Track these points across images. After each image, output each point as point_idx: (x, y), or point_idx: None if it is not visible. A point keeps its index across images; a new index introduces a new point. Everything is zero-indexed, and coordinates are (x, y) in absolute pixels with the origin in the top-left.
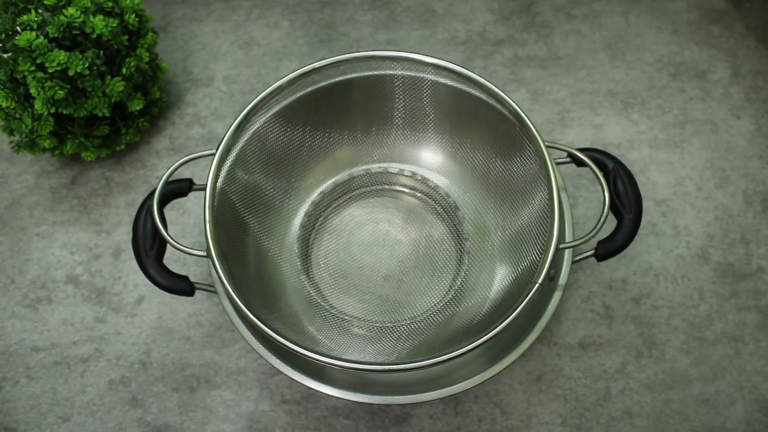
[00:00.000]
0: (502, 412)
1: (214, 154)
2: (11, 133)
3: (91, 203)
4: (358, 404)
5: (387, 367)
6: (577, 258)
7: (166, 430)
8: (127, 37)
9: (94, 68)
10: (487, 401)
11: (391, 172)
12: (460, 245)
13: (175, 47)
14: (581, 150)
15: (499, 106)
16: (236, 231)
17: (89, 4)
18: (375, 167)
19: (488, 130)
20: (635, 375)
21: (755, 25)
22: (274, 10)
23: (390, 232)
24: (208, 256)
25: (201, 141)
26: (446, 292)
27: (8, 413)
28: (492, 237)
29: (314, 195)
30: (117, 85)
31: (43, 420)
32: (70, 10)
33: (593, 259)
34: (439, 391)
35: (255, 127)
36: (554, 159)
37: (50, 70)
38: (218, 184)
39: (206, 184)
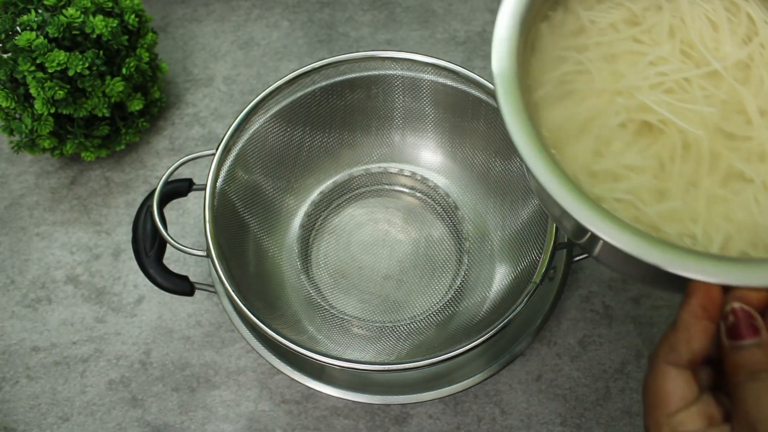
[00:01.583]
0: (501, 412)
1: (213, 154)
2: (11, 133)
3: (91, 203)
4: (358, 404)
5: (387, 366)
6: (577, 258)
7: (166, 430)
8: (126, 37)
9: (94, 68)
10: (486, 401)
11: (391, 172)
12: (460, 245)
13: (175, 47)
14: None
15: None
16: (236, 231)
17: (89, 5)
18: (375, 167)
19: (488, 130)
20: (635, 375)
21: None
22: (274, 10)
23: (390, 232)
24: (208, 255)
25: (201, 141)
26: (446, 292)
27: (8, 413)
28: (492, 237)
29: (314, 195)
30: (117, 86)
31: (43, 420)
32: (70, 11)
33: (593, 259)
34: (439, 390)
35: (255, 127)
36: None
37: (50, 70)
38: (218, 183)
39: (206, 184)
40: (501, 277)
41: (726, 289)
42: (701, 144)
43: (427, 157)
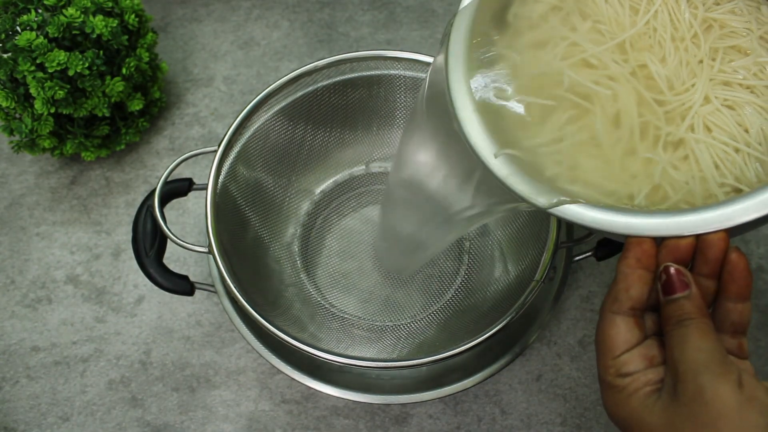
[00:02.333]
0: (501, 412)
1: (215, 151)
2: (11, 133)
3: (91, 203)
4: (358, 404)
5: (388, 363)
6: (577, 257)
7: (166, 430)
8: (127, 37)
9: (94, 68)
10: (486, 401)
11: None
12: (460, 245)
13: (175, 47)
14: None
15: None
16: (236, 228)
17: (89, 4)
18: (375, 167)
19: None
20: None
21: None
22: (274, 10)
23: None
24: (210, 251)
25: (201, 141)
26: (446, 292)
27: (8, 413)
28: (492, 236)
29: (315, 194)
30: (117, 85)
31: (43, 420)
32: (70, 10)
33: (593, 259)
34: (439, 390)
35: (256, 126)
36: None
37: (50, 70)
38: (220, 179)
39: (208, 181)
40: (501, 276)
41: (659, 242)
42: (630, 112)
43: None
